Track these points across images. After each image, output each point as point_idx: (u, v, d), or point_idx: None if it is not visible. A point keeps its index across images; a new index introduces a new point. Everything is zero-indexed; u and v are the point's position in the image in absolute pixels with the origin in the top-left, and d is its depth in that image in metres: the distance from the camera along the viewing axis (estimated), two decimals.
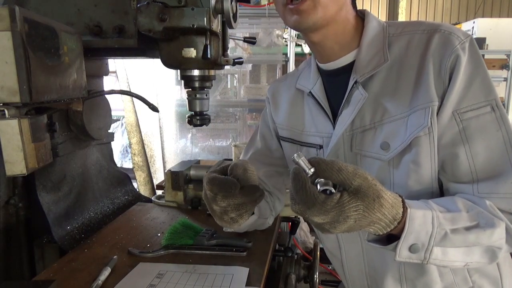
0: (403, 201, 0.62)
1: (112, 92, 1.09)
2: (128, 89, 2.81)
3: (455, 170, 0.72)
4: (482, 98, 0.71)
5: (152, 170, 3.11)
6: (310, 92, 0.89)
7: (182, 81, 0.97)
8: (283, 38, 3.52)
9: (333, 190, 0.56)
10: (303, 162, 0.56)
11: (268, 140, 1.03)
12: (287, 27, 3.29)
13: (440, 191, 0.76)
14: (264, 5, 3.39)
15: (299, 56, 3.56)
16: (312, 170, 0.56)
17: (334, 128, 0.83)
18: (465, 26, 5.13)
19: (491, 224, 0.65)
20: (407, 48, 0.77)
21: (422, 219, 0.62)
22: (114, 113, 1.24)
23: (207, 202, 0.73)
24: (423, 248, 0.63)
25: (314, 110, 0.89)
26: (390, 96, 0.77)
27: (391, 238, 0.64)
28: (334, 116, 0.85)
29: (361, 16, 0.84)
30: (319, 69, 0.89)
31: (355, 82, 0.79)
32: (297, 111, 0.94)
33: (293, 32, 3.32)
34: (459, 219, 0.65)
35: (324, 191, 0.56)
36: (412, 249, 0.62)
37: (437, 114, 0.72)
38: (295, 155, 0.56)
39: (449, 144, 0.72)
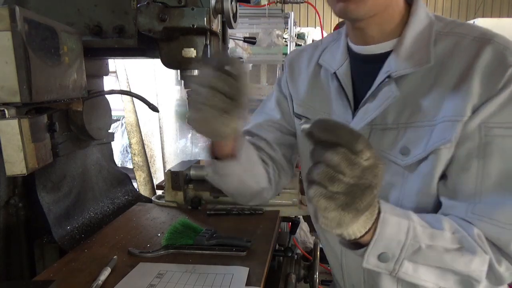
0: (378, 202, 0.57)
1: (112, 92, 1.09)
2: (128, 89, 2.81)
3: (458, 184, 0.66)
4: None
5: (152, 170, 3.10)
6: (334, 72, 0.80)
7: (182, 81, 0.97)
8: (283, 38, 3.51)
9: None
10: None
11: (284, 107, 0.95)
12: (287, 27, 3.28)
13: None
14: (264, 5, 3.38)
15: None
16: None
17: (352, 118, 0.76)
18: None
19: (472, 251, 0.60)
20: (452, 52, 0.69)
21: (395, 227, 0.58)
22: (114, 113, 1.24)
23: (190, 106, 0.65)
24: (393, 259, 0.59)
25: (334, 93, 0.81)
26: (422, 99, 0.70)
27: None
28: (356, 103, 0.77)
29: (409, 2, 0.75)
30: (349, 49, 0.81)
31: (388, 77, 0.71)
32: (316, 89, 0.86)
33: (293, 32, 3.32)
34: (439, 237, 0.60)
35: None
36: (381, 258, 0.59)
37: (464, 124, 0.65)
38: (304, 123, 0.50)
39: (463, 156, 0.65)
